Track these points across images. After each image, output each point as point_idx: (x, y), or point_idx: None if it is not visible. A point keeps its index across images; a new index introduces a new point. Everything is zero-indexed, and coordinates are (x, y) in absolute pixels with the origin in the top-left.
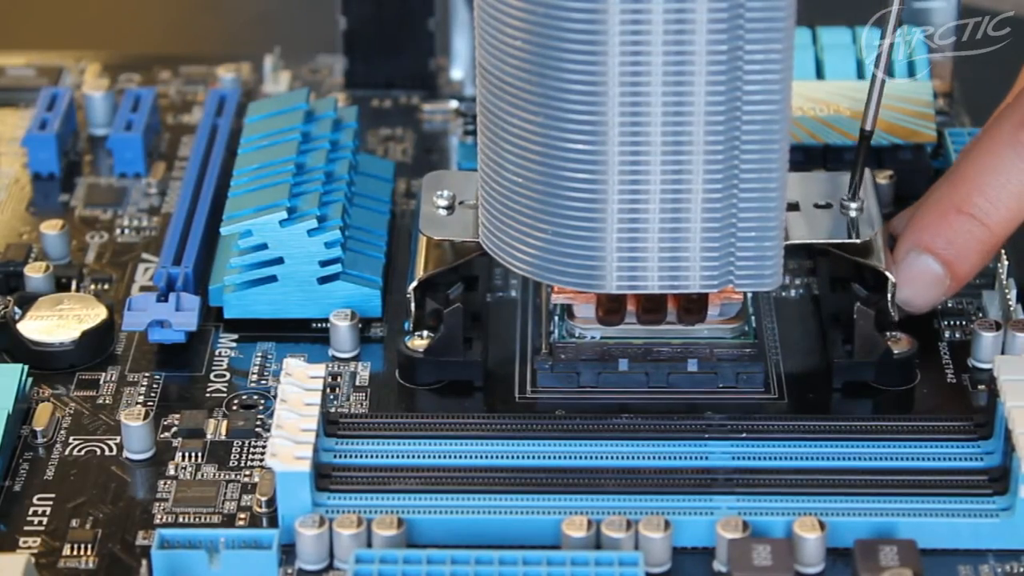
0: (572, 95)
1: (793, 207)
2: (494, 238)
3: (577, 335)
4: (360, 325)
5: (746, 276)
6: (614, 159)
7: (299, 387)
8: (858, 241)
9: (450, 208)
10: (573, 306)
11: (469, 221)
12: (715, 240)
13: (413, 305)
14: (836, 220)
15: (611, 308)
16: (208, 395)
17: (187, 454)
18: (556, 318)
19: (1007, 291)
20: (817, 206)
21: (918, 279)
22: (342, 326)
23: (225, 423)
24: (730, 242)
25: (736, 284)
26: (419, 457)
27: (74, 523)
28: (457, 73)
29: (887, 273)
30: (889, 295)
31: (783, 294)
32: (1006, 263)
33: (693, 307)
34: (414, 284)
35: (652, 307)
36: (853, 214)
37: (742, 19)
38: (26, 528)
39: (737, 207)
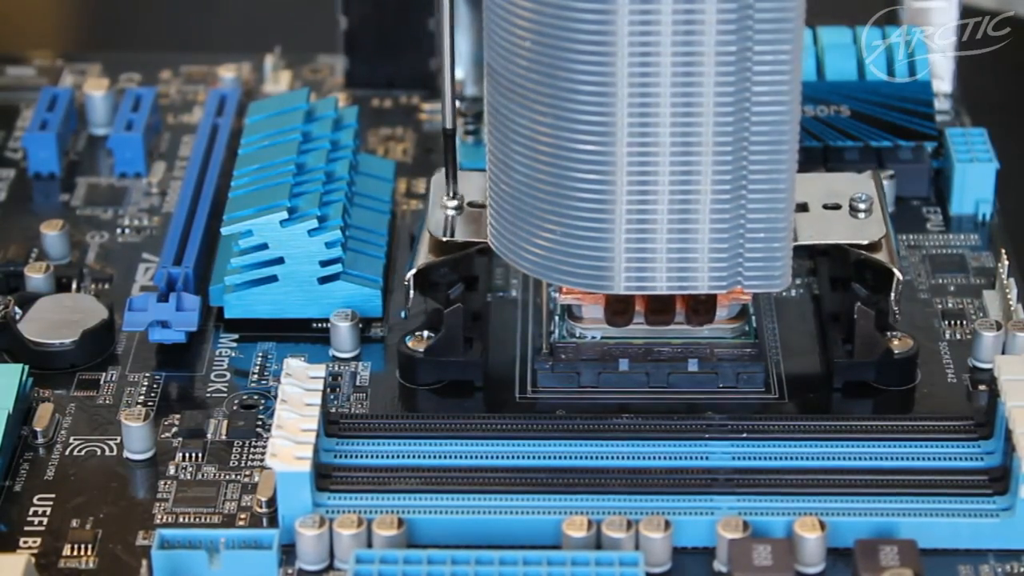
0: (581, 95)
1: (801, 208)
2: (502, 238)
3: (578, 335)
4: (360, 325)
5: (755, 277)
6: (623, 159)
7: (299, 387)
8: (866, 242)
9: (459, 208)
10: (581, 307)
11: (478, 222)
12: (724, 241)
13: (412, 292)
14: (845, 221)
15: (619, 309)
16: (208, 395)
17: (187, 454)
18: (557, 318)
19: (1007, 291)
20: (826, 207)
21: None
22: (342, 326)
23: (225, 423)
24: (739, 243)
25: (745, 285)
26: (419, 457)
27: (74, 523)
28: (458, 73)
29: (894, 270)
30: (894, 294)
31: (783, 294)
32: (1006, 263)
33: (701, 308)
34: (412, 271)
35: (660, 308)
36: (862, 215)
37: (751, 19)
38: (26, 528)
39: (746, 207)
